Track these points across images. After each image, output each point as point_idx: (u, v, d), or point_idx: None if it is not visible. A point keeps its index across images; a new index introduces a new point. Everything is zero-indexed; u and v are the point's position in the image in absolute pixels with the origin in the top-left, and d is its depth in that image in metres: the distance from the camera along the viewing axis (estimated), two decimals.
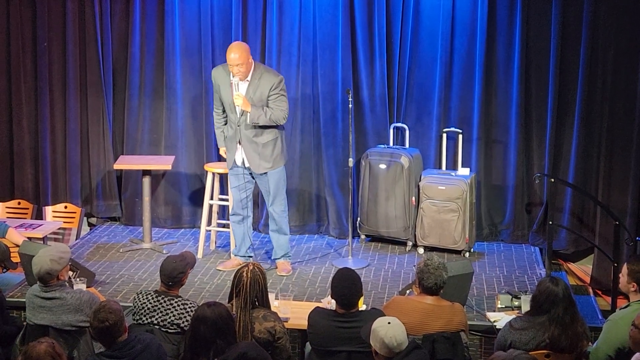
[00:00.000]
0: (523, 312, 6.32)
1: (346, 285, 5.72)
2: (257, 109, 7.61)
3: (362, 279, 7.72)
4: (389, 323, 5.09)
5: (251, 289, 5.69)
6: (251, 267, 5.77)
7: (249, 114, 7.62)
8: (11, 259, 6.97)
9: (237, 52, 7.54)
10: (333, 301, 5.81)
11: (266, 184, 7.87)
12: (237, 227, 8.06)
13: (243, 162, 7.82)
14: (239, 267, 5.92)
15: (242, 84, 7.66)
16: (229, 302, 5.82)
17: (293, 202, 9.21)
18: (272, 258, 8.16)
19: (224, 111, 7.91)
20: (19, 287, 7.45)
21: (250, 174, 7.90)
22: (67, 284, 6.23)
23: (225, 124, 7.94)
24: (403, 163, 8.55)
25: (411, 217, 8.63)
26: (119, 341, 5.27)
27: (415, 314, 5.74)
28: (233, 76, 7.60)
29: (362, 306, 6.50)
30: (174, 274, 6.01)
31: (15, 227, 8.08)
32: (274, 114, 7.63)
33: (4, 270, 6.90)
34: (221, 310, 5.29)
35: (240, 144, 7.75)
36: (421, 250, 8.63)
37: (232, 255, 8.22)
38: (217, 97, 7.89)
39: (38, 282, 6.08)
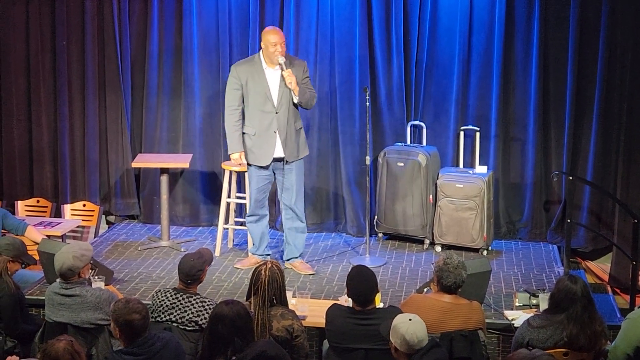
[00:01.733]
0: (541, 310, 6.30)
1: (361, 282, 5.72)
2: (301, 87, 7.70)
3: (379, 277, 7.76)
4: (410, 320, 5.09)
5: (269, 287, 5.70)
6: (269, 265, 5.77)
7: (292, 93, 7.65)
8: (29, 254, 6.98)
9: (279, 32, 7.73)
10: (350, 299, 5.81)
11: (290, 177, 7.83)
12: (255, 226, 8.05)
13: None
14: (257, 265, 5.92)
15: (273, 70, 7.70)
16: (247, 300, 5.83)
17: (310, 200, 9.22)
18: (289, 257, 8.10)
19: (241, 112, 7.83)
20: (38, 284, 7.49)
21: (273, 171, 7.87)
22: (87, 282, 6.26)
23: (242, 127, 7.86)
24: (420, 161, 8.54)
25: (429, 215, 8.62)
26: (139, 338, 5.29)
27: (433, 312, 5.74)
28: (280, 56, 7.59)
29: (379, 304, 6.51)
30: (192, 272, 6.03)
31: (34, 225, 8.11)
32: (311, 95, 7.79)
33: (23, 265, 6.93)
34: (239, 308, 5.30)
35: (277, 132, 7.71)
36: (439, 249, 8.62)
37: (249, 254, 8.23)
38: (238, 95, 7.80)
39: (59, 278, 6.12)
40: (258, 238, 8.08)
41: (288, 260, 8.09)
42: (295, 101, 7.71)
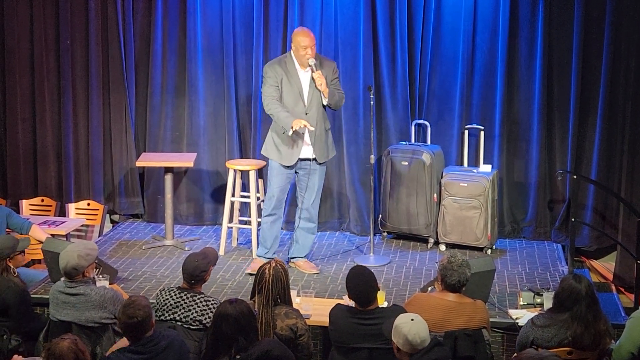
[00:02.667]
0: (545, 309, 6.30)
1: (359, 283, 5.72)
2: (331, 89, 7.69)
3: (383, 276, 7.77)
4: (412, 320, 5.09)
5: (273, 286, 5.70)
6: (273, 265, 5.78)
7: (322, 95, 7.63)
8: (18, 238, 6.91)
9: (310, 35, 7.65)
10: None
11: (314, 178, 7.81)
12: (271, 227, 7.92)
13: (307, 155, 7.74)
14: (262, 264, 5.92)
15: (306, 73, 7.67)
16: (251, 299, 5.83)
17: None
18: (295, 256, 8.09)
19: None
20: (42, 283, 7.50)
21: (296, 172, 7.83)
22: (91, 281, 6.27)
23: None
24: (425, 160, 8.54)
25: (433, 214, 8.62)
26: (144, 337, 5.30)
27: (437, 311, 5.74)
28: (309, 58, 7.56)
29: (383, 303, 6.51)
30: (197, 273, 6.03)
31: (39, 224, 8.12)
32: (339, 96, 7.79)
33: (23, 255, 6.89)
34: (243, 307, 5.30)
35: (305, 133, 7.63)
36: (443, 248, 8.61)
37: (256, 257, 8.08)
38: (277, 90, 7.65)
39: (63, 277, 6.12)
40: (271, 240, 7.95)
41: (293, 258, 8.08)
42: (325, 103, 7.70)
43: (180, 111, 9.45)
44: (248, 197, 8.56)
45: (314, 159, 7.79)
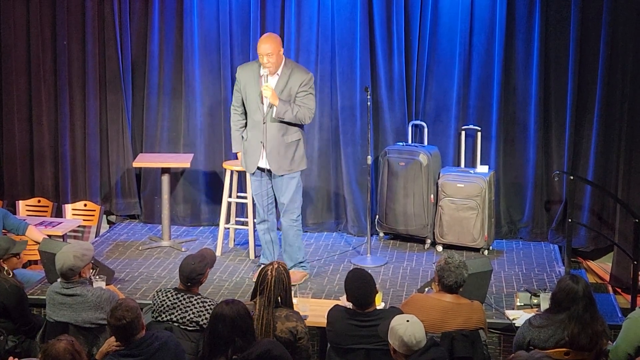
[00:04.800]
0: (542, 309, 6.30)
1: (359, 286, 5.71)
2: (285, 103, 7.38)
3: (380, 277, 7.76)
4: (407, 321, 5.09)
5: (275, 288, 5.68)
6: (276, 266, 5.76)
7: (274, 108, 7.38)
8: (15, 240, 6.89)
9: (267, 42, 7.39)
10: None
11: (280, 189, 7.63)
12: (264, 235, 7.82)
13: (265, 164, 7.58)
14: (264, 265, 5.91)
15: (271, 79, 7.44)
16: (251, 299, 5.82)
17: (311, 200, 9.22)
18: (290, 267, 8.00)
19: (242, 113, 7.68)
20: (39, 284, 7.49)
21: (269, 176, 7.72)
22: (88, 282, 6.26)
23: (244, 127, 7.70)
24: (422, 161, 8.54)
25: (430, 215, 8.62)
26: (136, 339, 5.29)
27: (434, 311, 5.74)
28: (263, 68, 7.38)
29: (380, 304, 6.51)
30: (193, 275, 6.02)
31: (35, 225, 8.10)
32: (300, 112, 7.43)
33: (17, 257, 6.88)
34: (239, 308, 5.30)
35: (263, 145, 7.49)
36: (440, 248, 8.61)
37: (261, 264, 7.92)
38: (239, 97, 7.64)
39: (60, 277, 6.12)
40: (269, 248, 7.83)
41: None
42: (273, 116, 7.43)
43: (177, 112, 9.45)
44: (245, 197, 8.56)
45: (269, 171, 7.62)
